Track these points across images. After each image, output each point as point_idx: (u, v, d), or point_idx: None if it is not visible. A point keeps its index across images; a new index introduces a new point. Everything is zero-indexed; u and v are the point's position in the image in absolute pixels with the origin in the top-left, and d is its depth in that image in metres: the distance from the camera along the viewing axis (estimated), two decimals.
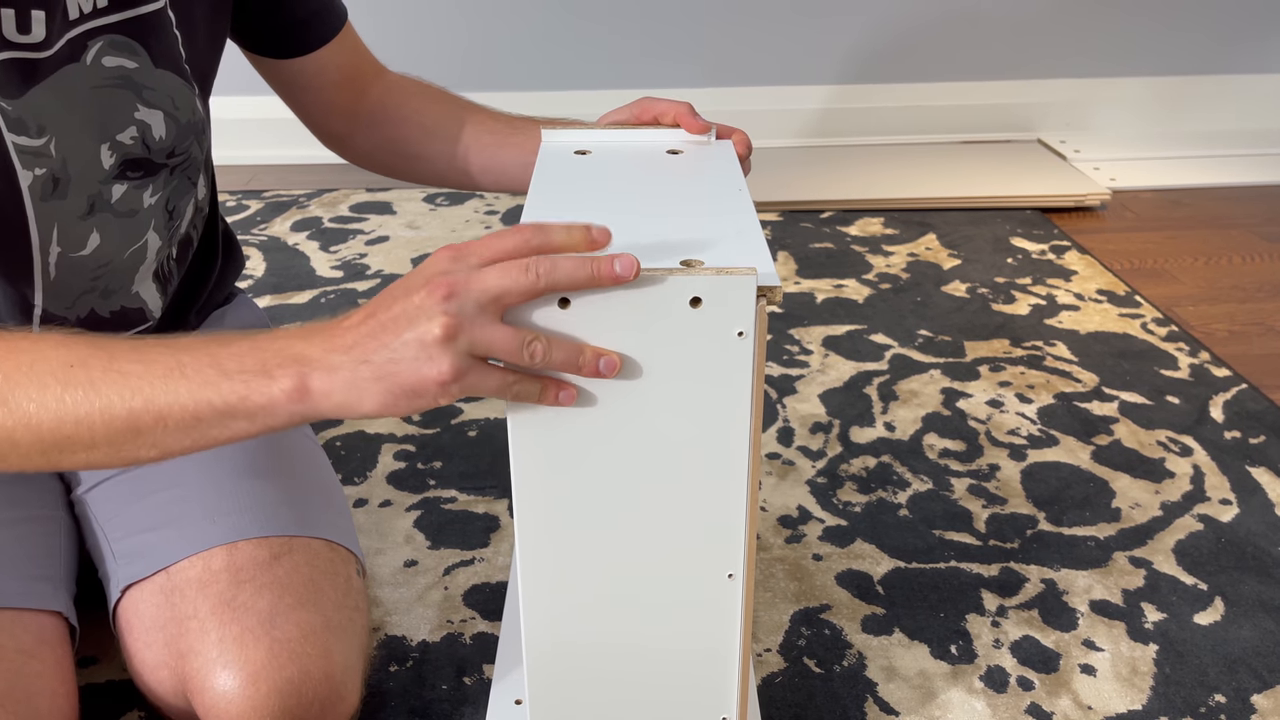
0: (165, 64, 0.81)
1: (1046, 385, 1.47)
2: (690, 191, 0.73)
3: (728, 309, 0.58)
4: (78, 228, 0.80)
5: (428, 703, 0.94)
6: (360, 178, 2.28)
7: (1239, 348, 1.58)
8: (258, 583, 0.78)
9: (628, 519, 0.65)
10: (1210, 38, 2.47)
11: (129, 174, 0.82)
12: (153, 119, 0.81)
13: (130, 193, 0.82)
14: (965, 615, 1.04)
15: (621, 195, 0.72)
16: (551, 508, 0.64)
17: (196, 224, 0.93)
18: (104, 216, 0.81)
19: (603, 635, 0.69)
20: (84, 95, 0.77)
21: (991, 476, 1.26)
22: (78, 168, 0.78)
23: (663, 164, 0.79)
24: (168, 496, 0.84)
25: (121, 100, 0.79)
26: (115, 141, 0.80)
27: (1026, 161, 2.31)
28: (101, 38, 0.76)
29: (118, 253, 0.83)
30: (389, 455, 1.30)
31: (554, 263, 0.56)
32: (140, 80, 0.80)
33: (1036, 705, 0.94)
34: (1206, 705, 0.94)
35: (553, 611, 0.68)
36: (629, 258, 0.56)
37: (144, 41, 0.79)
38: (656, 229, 0.65)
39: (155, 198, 0.84)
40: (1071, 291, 1.76)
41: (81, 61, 0.76)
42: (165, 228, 0.87)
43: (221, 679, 0.74)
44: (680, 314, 0.58)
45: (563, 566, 0.66)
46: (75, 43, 0.75)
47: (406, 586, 1.08)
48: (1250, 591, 1.08)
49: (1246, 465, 1.29)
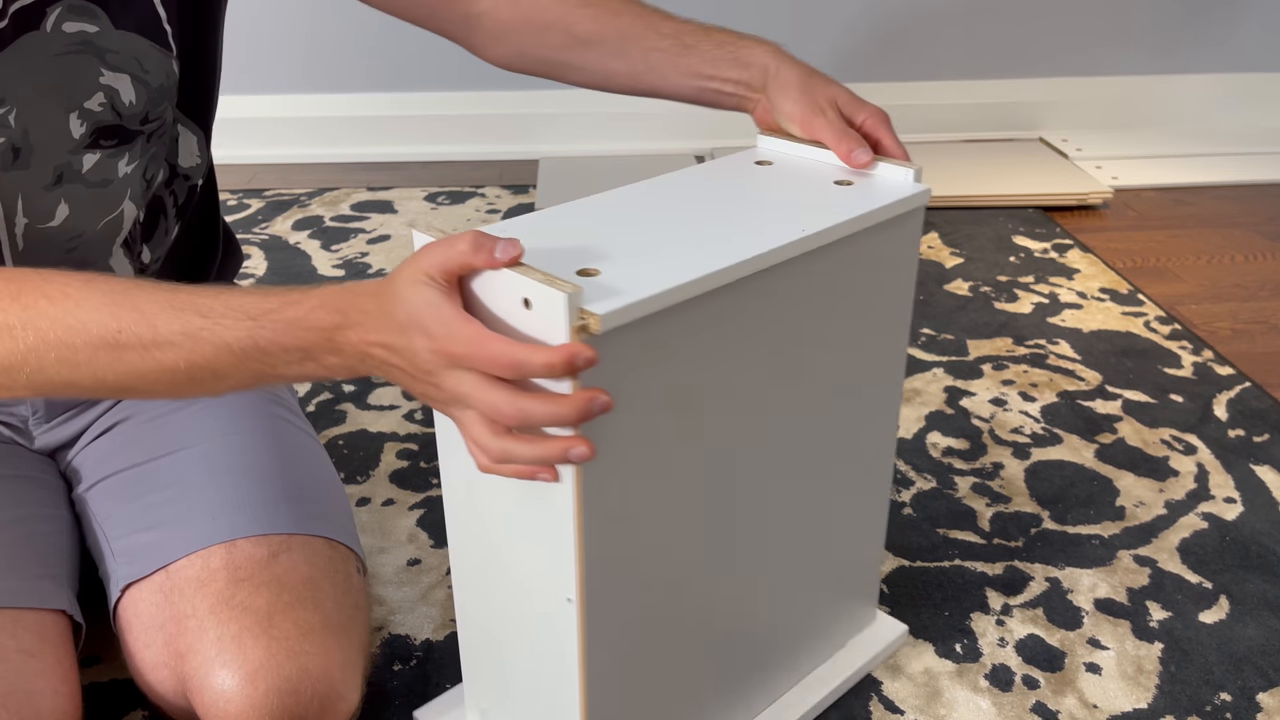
0: (128, 24, 0.79)
1: (1050, 384, 1.46)
2: (769, 226, 0.71)
3: (547, 319, 0.58)
4: (43, 199, 0.79)
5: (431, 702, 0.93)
6: (361, 177, 2.28)
7: (1242, 346, 1.57)
8: (256, 581, 0.77)
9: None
10: (1212, 36, 2.47)
11: (102, 142, 0.80)
12: (119, 83, 0.80)
13: (104, 161, 0.81)
14: (970, 614, 1.04)
15: (721, 210, 0.74)
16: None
17: (175, 189, 0.91)
18: (74, 187, 0.80)
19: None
20: (45, 63, 0.76)
21: (995, 475, 1.26)
22: (41, 137, 0.77)
23: (811, 190, 0.78)
24: (167, 495, 0.84)
25: (84, 65, 0.78)
26: (83, 109, 0.79)
27: (1028, 160, 2.31)
28: (60, 3, 0.75)
29: (90, 224, 0.82)
30: (391, 454, 1.29)
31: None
32: (102, 44, 0.78)
33: (1042, 704, 0.93)
34: (1212, 704, 0.94)
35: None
36: (513, 249, 0.60)
37: (102, 3, 0.77)
38: (654, 239, 0.69)
39: (131, 166, 0.83)
40: (1074, 290, 1.76)
41: (41, 29, 0.75)
42: (142, 197, 0.86)
43: (220, 678, 0.73)
44: (519, 312, 0.60)
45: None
46: (33, 10, 0.74)
47: (410, 585, 1.07)
48: (1255, 590, 1.07)
49: (1250, 464, 1.28)
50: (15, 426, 0.92)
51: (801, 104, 0.82)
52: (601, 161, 2.34)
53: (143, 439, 0.89)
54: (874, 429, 0.88)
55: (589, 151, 2.38)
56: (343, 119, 2.38)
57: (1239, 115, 2.53)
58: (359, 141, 2.39)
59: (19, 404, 0.90)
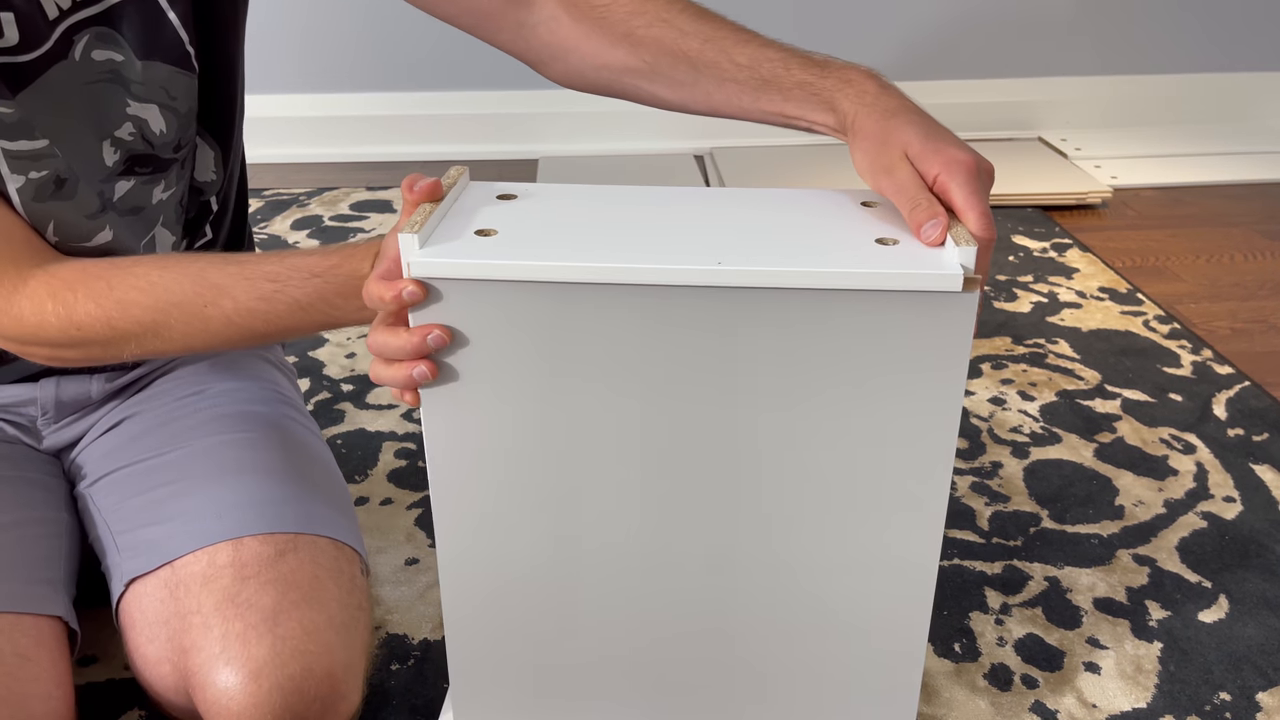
0: (151, 53, 0.79)
1: (1049, 383, 1.47)
2: (709, 254, 0.67)
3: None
4: (84, 226, 0.80)
5: (429, 701, 0.93)
6: (360, 176, 2.28)
7: (1241, 345, 1.58)
8: (262, 579, 0.77)
9: None
10: (1212, 35, 2.47)
11: (137, 170, 0.81)
12: (148, 113, 0.80)
13: (137, 189, 0.82)
14: (969, 613, 1.04)
15: (705, 229, 0.70)
16: None
17: (187, 204, 0.91)
18: (111, 215, 0.81)
19: None
20: (76, 92, 0.76)
21: (994, 474, 1.26)
22: (82, 167, 0.77)
23: (838, 239, 0.69)
24: (173, 491, 0.84)
25: (112, 95, 0.78)
26: (115, 138, 0.79)
27: (1027, 159, 2.31)
28: (87, 31, 0.76)
29: (129, 250, 0.83)
30: (390, 453, 1.29)
31: None
32: (127, 75, 0.79)
33: (1040, 703, 0.94)
34: (1211, 703, 0.94)
35: None
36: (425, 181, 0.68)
37: (121, 32, 0.78)
38: (608, 233, 0.69)
39: (168, 194, 0.84)
40: (1073, 289, 1.76)
41: (70, 58, 0.75)
42: (177, 223, 0.86)
43: (224, 675, 0.73)
44: None
45: None
46: (62, 40, 0.74)
47: (408, 585, 1.07)
48: (1254, 589, 1.07)
49: (1250, 463, 1.28)
50: (23, 426, 0.92)
51: (870, 157, 0.70)
52: (601, 161, 2.34)
53: (149, 435, 0.89)
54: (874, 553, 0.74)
55: (588, 151, 2.38)
56: (342, 118, 2.38)
57: (1238, 114, 2.53)
58: (358, 141, 2.39)
59: (28, 404, 0.90)
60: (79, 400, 0.91)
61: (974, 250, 0.63)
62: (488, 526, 0.74)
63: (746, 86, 0.77)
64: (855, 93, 0.73)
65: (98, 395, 0.92)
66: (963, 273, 0.63)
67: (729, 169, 2.23)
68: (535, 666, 0.79)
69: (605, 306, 0.66)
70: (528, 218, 0.70)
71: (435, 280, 0.66)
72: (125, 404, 0.93)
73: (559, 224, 0.70)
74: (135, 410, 0.92)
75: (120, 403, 0.93)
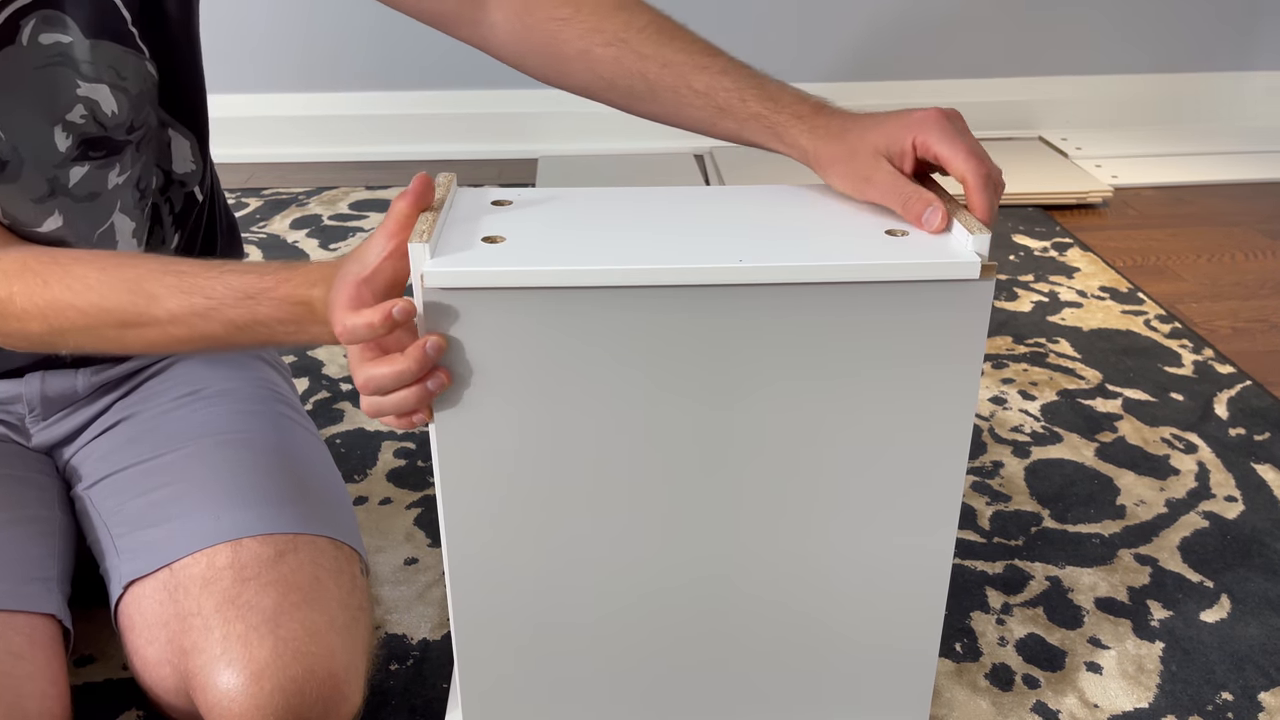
0: (99, 32, 0.79)
1: (1050, 382, 1.46)
2: (731, 250, 0.68)
3: None
4: (33, 211, 0.79)
5: (428, 701, 0.93)
6: (359, 175, 2.28)
7: (1242, 344, 1.57)
8: (262, 580, 0.77)
9: None
10: (1212, 34, 2.47)
11: (91, 154, 0.80)
12: (98, 94, 0.80)
13: (92, 174, 0.81)
14: (970, 613, 1.04)
15: (711, 228, 0.70)
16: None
17: (171, 196, 0.90)
18: (63, 200, 0.80)
19: None
20: (26, 77, 0.76)
21: (995, 474, 1.26)
22: (29, 151, 0.77)
23: (849, 233, 0.69)
24: (171, 492, 0.84)
25: (62, 78, 0.78)
26: (66, 122, 0.78)
27: (1028, 159, 2.31)
28: (33, 15, 0.75)
29: (82, 236, 0.82)
30: (389, 453, 1.29)
31: None
32: (76, 55, 0.78)
33: (1042, 703, 0.93)
34: (1213, 703, 0.93)
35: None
36: None
37: (67, 12, 0.77)
38: (615, 235, 0.69)
39: (123, 178, 0.83)
40: (1074, 288, 1.76)
41: (18, 43, 0.75)
42: (136, 207, 0.86)
43: (225, 677, 0.73)
44: None
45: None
46: (8, 25, 0.74)
47: (407, 585, 1.07)
48: (1256, 589, 1.07)
49: (1251, 462, 1.28)
50: (12, 424, 0.91)
51: (846, 176, 0.73)
52: (600, 160, 2.34)
53: (146, 437, 0.89)
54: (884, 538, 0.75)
55: (588, 150, 2.38)
56: (341, 118, 2.38)
57: (1239, 113, 2.53)
58: (357, 140, 2.39)
59: (15, 402, 0.90)
60: (65, 395, 0.91)
61: (987, 238, 0.65)
62: (497, 532, 0.73)
63: (704, 112, 0.78)
64: (808, 128, 0.75)
65: (84, 390, 0.91)
66: (979, 260, 0.65)
67: (729, 168, 2.23)
68: (544, 669, 0.79)
69: (624, 309, 0.66)
70: (532, 223, 0.69)
71: (450, 291, 0.63)
72: (121, 405, 0.92)
73: (565, 228, 0.69)
74: (132, 411, 0.92)
75: (116, 402, 0.93)
